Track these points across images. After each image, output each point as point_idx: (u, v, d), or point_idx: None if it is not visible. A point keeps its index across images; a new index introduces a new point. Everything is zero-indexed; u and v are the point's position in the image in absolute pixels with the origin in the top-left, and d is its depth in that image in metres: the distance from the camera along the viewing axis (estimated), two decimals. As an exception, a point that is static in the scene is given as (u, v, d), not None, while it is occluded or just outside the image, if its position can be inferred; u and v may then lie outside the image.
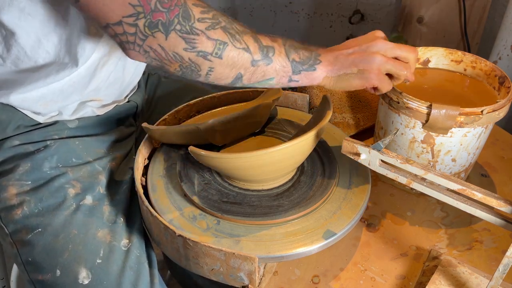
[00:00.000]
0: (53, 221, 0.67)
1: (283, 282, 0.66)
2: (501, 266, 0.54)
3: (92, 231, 0.67)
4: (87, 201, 0.70)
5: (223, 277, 0.60)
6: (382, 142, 0.58)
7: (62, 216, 0.67)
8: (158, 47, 0.56)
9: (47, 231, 0.67)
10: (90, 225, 0.68)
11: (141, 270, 0.67)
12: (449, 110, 0.67)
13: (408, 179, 0.58)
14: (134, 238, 0.69)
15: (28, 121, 0.72)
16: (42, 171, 0.70)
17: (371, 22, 1.54)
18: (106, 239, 0.67)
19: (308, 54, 0.63)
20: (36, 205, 0.68)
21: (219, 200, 0.66)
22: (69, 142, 0.74)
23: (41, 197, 0.68)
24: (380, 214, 0.77)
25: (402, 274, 0.67)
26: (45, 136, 0.73)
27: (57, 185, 0.69)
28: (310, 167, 0.72)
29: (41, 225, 0.67)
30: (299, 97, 0.86)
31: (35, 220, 0.67)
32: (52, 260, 0.65)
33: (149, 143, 0.76)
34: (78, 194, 0.70)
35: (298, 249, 0.60)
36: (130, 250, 0.68)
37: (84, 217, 0.68)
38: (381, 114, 0.79)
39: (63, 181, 0.70)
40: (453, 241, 0.72)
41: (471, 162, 0.77)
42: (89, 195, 0.70)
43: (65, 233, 0.66)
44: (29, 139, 0.72)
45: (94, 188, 0.71)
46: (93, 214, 0.69)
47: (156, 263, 0.71)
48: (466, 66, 0.82)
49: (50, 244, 0.66)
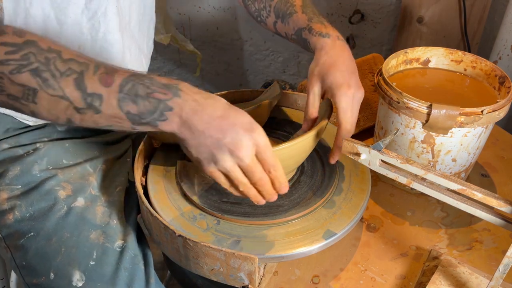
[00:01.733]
0: (45, 225, 0.67)
1: (283, 282, 0.66)
2: (501, 266, 0.54)
3: (85, 233, 0.67)
4: (79, 203, 0.69)
5: (223, 277, 0.60)
6: (382, 142, 0.58)
7: (53, 220, 0.67)
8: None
9: (39, 235, 0.66)
10: (82, 227, 0.67)
11: (136, 271, 0.67)
12: (449, 110, 0.67)
13: (408, 179, 0.58)
14: (129, 239, 0.69)
15: (17, 124, 0.72)
16: (32, 174, 0.69)
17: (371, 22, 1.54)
18: (99, 241, 0.67)
19: (151, 107, 0.51)
20: (27, 209, 0.67)
21: (219, 200, 0.66)
22: (59, 144, 0.74)
23: (31, 201, 0.68)
24: (380, 214, 0.77)
25: (402, 274, 0.67)
26: (34, 139, 0.72)
27: (47, 188, 0.69)
28: (310, 167, 0.72)
29: (33, 229, 0.67)
30: (299, 97, 0.86)
31: (27, 224, 0.67)
32: (46, 264, 0.65)
33: (149, 143, 0.76)
34: (69, 196, 0.69)
35: (298, 249, 0.60)
36: (125, 251, 0.67)
37: (76, 219, 0.68)
38: (381, 114, 0.79)
39: (53, 184, 0.69)
40: (453, 241, 0.72)
41: (471, 162, 0.77)
42: (81, 197, 0.70)
43: (57, 236, 0.66)
44: (18, 142, 0.71)
45: (85, 190, 0.71)
46: (85, 216, 0.68)
47: (153, 263, 0.71)
48: (466, 66, 0.82)
49: (43, 248, 0.66)
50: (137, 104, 0.51)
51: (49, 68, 0.50)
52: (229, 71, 1.75)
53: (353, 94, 0.63)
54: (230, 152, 0.51)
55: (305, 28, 0.71)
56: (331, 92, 0.64)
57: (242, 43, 1.66)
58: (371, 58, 1.00)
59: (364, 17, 1.55)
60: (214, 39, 1.65)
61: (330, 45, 0.67)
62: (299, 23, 0.72)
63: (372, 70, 0.98)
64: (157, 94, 0.51)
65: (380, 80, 0.75)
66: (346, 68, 0.65)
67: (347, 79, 0.63)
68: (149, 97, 0.51)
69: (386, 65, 0.78)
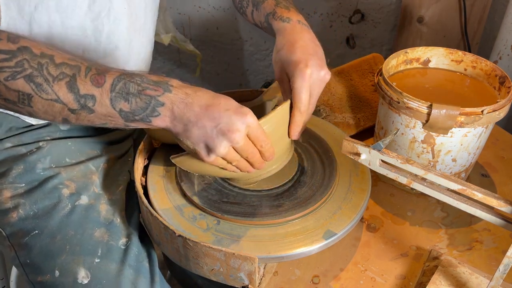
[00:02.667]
0: (49, 223, 0.67)
1: (283, 282, 0.66)
2: (501, 266, 0.54)
3: (89, 231, 0.67)
4: (83, 201, 0.69)
5: (223, 277, 0.59)
6: (382, 142, 0.58)
7: (57, 217, 0.67)
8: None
9: (43, 233, 0.66)
10: (86, 225, 0.67)
11: (141, 268, 0.67)
12: (449, 110, 0.67)
13: (408, 179, 0.58)
14: (133, 237, 0.69)
15: (20, 123, 0.72)
16: (35, 172, 0.70)
17: (371, 22, 1.54)
18: (104, 238, 0.67)
19: (143, 104, 0.53)
20: (31, 207, 0.68)
21: (219, 200, 0.66)
22: (62, 142, 0.74)
23: (35, 199, 0.68)
24: (380, 214, 0.77)
25: (402, 274, 0.67)
26: (37, 138, 0.73)
27: (50, 186, 0.69)
28: (310, 167, 0.72)
29: (37, 227, 0.67)
30: (299, 97, 0.86)
31: (31, 223, 0.67)
32: (50, 262, 0.65)
33: (149, 143, 0.76)
34: (73, 194, 0.69)
35: (298, 249, 0.60)
36: (129, 248, 0.68)
37: (80, 217, 0.68)
38: (381, 114, 0.79)
39: (56, 182, 0.69)
40: (453, 241, 0.72)
41: (471, 162, 0.77)
42: (84, 195, 0.70)
43: (61, 234, 0.66)
44: (21, 141, 0.72)
45: (89, 188, 0.71)
46: (89, 214, 0.68)
47: (157, 261, 0.71)
48: (467, 66, 0.82)
49: (47, 245, 0.66)
50: (129, 102, 0.53)
51: (42, 74, 0.51)
52: (229, 71, 1.75)
53: (310, 74, 0.59)
54: (225, 137, 0.53)
55: (270, 13, 0.69)
56: (289, 73, 0.61)
57: (242, 43, 1.66)
58: (371, 58, 1.00)
59: (364, 17, 1.55)
60: (214, 39, 1.65)
61: (289, 29, 0.65)
62: (267, 8, 0.70)
63: (372, 70, 0.98)
64: (149, 91, 0.53)
65: (380, 80, 0.75)
66: (304, 48, 0.62)
67: (303, 58, 0.60)
68: (140, 94, 0.53)
69: (386, 65, 0.78)
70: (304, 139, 0.77)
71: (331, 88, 0.93)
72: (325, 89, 0.93)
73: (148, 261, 0.69)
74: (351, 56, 1.62)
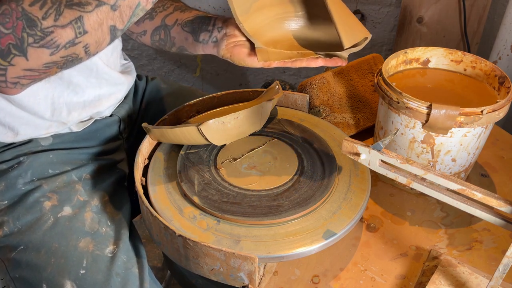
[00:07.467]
0: (32, 237, 0.67)
1: (283, 282, 0.66)
2: (501, 266, 0.54)
3: (73, 242, 0.67)
4: (66, 212, 0.69)
5: (223, 277, 0.60)
6: (382, 142, 0.58)
7: (40, 232, 0.67)
8: (24, 71, 0.51)
9: (29, 248, 0.66)
10: (70, 236, 0.67)
11: (129, 276, 0.67)
12: (449, 110, 0.67)
13: (408, 179, 0.58)
14: (121, 243, 0.69)
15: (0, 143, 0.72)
16: (16, 188, 0.69)
17: (371, 22, 1.54)
18: (89, 249, 0.67)
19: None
20: (15, 224, 0.68)
21: (219, 200, 0.66)
22: (43, 155, 0.73)
23: (18, 215, 0.68)
24: (380, 214, 0.77)
25: (402, 274, 0.67)
26: (17, 154, 0.72)
27: (32, 200, 0.69)
28: (310, 167, 0.72)
29: (22, 242, 0.67)
30: (299, 97, 0.86)
31: (16, 238, 0.67)
32: (37, 276, 0.65)
33: (149, 143, 0.76)
34: (55, 207, 0.69)
35: (298, 249, 0.60)
36: (117, 256, 0.67)
37: (64, 229, 0.68)
38: (381, 114, 0.79)
39: (37, 195, 0.69)
40: (453, 241, 0.72)
41: (471, 162, 0.77)
42: (67, 206, 0.70)
43: (46, 248, 0.66)
44: (2, 158, 0.72)
45: (72, 198, 0.70)
46: (73, 225, 0.68)
47: (147, 267, 0.71)
48: (466, 66, 0.82)
49: (33, 260, 0.66)
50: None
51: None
52: (229, 71, 1.75)
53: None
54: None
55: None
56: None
57: (242, 43, 1.65)
58: (371, 58, 1.00)
59: (364, 17, 1.55)
60: (214, 39, 1.64)
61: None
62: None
63: (372, 70, 0.98)
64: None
65: (380, 80, 0.75)
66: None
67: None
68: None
69: (386, 65, 0.78)
70: (304, 139, 0.77)
71: (331, 88, 0.93)
72: (325, 89, 0.93)
73: (137, 266, 0.69)
74: (351, 56, 1.62)
